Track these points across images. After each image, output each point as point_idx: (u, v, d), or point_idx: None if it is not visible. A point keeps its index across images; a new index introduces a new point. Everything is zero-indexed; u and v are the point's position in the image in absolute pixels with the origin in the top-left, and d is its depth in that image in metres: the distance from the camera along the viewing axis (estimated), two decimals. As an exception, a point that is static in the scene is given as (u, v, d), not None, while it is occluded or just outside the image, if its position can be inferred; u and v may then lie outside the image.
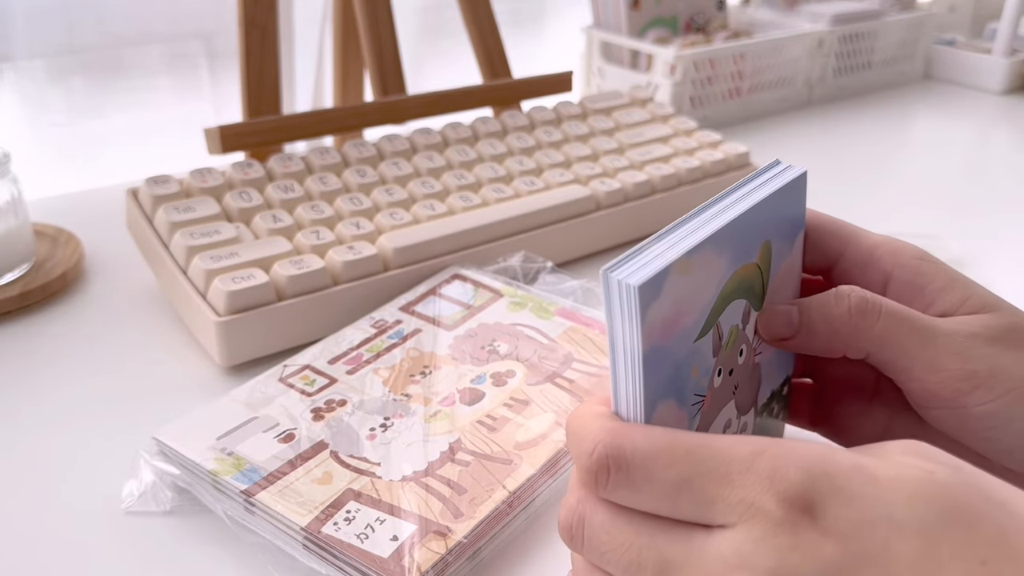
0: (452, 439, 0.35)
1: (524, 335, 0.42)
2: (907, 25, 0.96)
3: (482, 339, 0.41)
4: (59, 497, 0.35)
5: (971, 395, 0.27)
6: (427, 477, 0.33)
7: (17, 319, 0.47)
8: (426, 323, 0.43)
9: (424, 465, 0.34)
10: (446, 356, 0.40)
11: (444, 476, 0.33)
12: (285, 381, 0.39)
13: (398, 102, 0.58)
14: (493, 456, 0.34)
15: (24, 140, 0.70)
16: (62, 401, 0.41)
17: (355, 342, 0.41)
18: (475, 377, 0.39)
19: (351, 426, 0.36)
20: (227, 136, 0.51)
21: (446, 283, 0.46)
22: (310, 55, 0.80)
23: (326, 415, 0.36)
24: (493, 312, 0.43)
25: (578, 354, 0.40)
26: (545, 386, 0.38)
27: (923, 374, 0.27)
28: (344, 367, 0.40)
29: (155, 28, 0.72)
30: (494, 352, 0.40)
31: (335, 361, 0.40)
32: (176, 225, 0.45)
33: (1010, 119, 0.89)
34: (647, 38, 0.82)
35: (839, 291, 0.29)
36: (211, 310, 0.42)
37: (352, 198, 0.49)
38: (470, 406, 0.37)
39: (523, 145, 0.57)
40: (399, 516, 0.31)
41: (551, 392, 0.38)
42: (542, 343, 0.41)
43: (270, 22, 0.55)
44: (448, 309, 0.44)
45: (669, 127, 0.63)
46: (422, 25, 0.87)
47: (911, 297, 0.29)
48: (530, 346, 0.41)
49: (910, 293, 0.29)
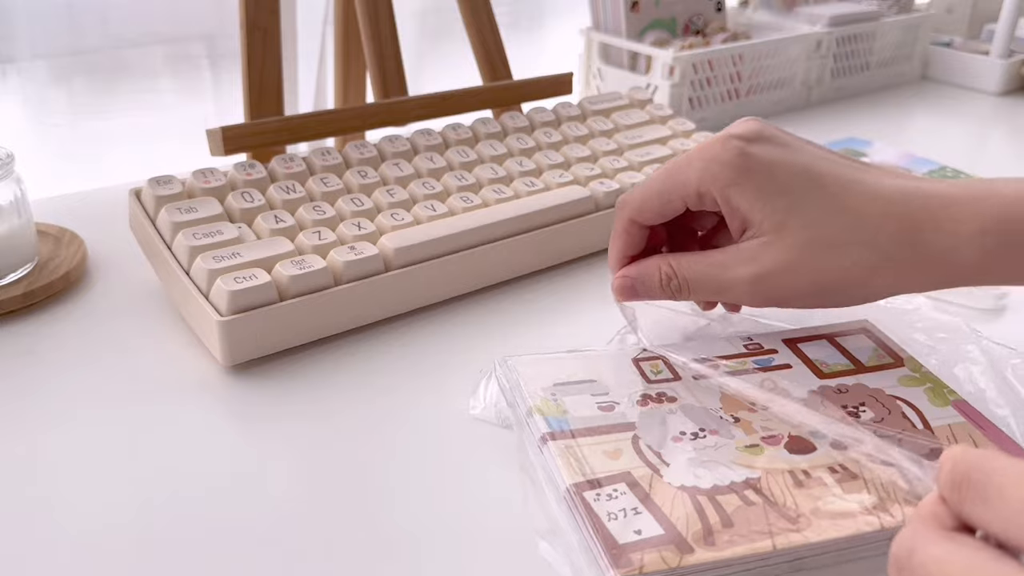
0: (753, 475, 0.33)
1: (900, 412, 0.38)
2: (905, 27, 0.96)
3: (851, 399, 0.38)
4: (59, 497, 0.36)
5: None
6: (704, 497, 0.32)
7: (20, 318, 0.47)
8: (800, 362, 0.41)
9: (709, 485, 0.33)
10: (799, 399, 0.38)
11: (721, 504, 0.32)
12: (636, 362, 0.40)
13: (399, 104, 0.58)
14: (783, 510, 0.32)
15: (27, 140, 0.70)
16: (64, 400, 0.41)
17: (722, 352, 0.41)
18: (815, 431, 0.36)
19: (666, 422, 0.36)
20: (229, 137, 0.51)
21: (850, 334, 0.43)
22: (312, 57, 0.81)
23: (651, 404, 0.37)
24: (881, 377, 0.40)
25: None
26: (887, 470, 0.34)
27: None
28: (698, 368, 0.40)
29: (158, 30, 0.72)
30: (854, 415, 0.37)
31: (697, 362, 0.40)
32: (179, 225, 0.46)
33: (1007, 120, 0.89)
34: (646, 40, 0.83)
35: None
36: (213, 310, 0.42)
37: (353, 199, 0.50)
38: (791, 454, 0.35)
39: (523, 146, 0.58)
40: (655, 516, 0.31)
41: (887, 477, 0.34)
42: (915, 426, 0.37)
43: (272, 24, 0.55)
44: (833, 357, 0.41)
45: (668, 128, 0.64)
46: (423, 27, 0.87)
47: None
48: (900, 424, 0.37)
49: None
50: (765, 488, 0.33)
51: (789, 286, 0.37)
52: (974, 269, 0.36)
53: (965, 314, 0.49)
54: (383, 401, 0.41)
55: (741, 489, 0.33)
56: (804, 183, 0.37)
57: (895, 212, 0.36)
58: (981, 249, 0.35)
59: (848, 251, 0.36)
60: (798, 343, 0.42)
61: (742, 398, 0.38)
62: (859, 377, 0.40)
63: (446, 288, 0.49)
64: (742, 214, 0.37)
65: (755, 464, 0.34)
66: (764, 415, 0.37)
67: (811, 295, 0.38)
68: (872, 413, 0.37)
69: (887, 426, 0.37)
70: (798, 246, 0.37)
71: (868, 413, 0.37)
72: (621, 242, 0.42)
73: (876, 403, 0.38)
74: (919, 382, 0.40)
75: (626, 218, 0.41)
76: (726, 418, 0.37)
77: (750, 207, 0.37)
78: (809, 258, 0.37)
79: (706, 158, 0.38)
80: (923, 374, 0.41)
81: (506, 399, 0.39)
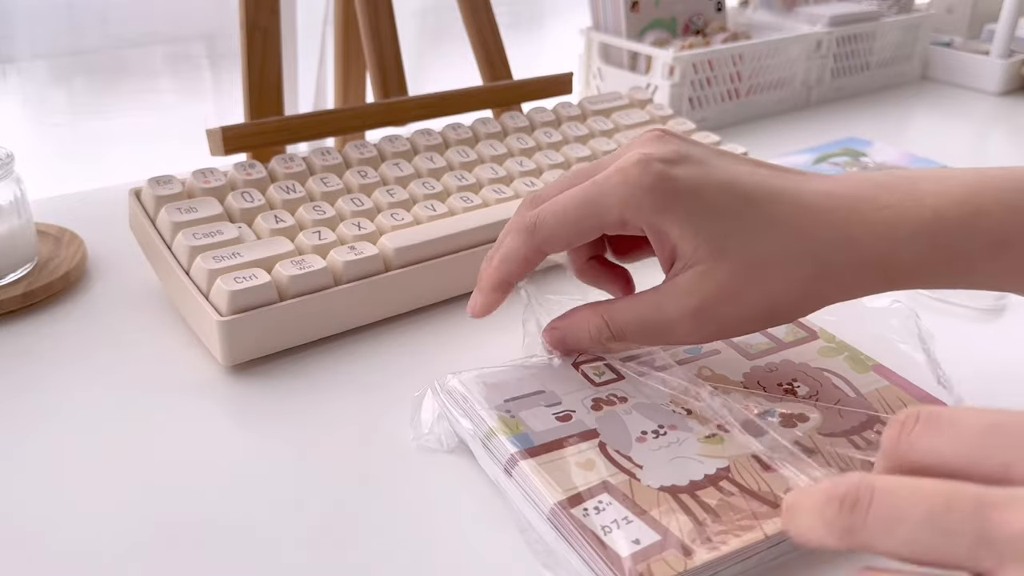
0: (721, 465, 0.34)
1: (830, 382, 0.40)
2: (905, 27, 0.96)
3: (782, 376, 0.40)
4: (58, 497, 0.36)
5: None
6: (685, 494, 0.32)
7: (20, 319, 0.47)
8: (726, 346, 0.42)
9: (686, 482, 0.33)
10: (738, 383, 0.39)
11: (703, 499, 0.32)
12: (577, 367, 0.39)
13: (399, 103, 0.58)
14: (760, 495, 0.33)
15: (27, 140, 0.70)
16: (65, 401, 0.41)
17: (653, 347, 0.41)
18: (763, 411, 0.37)
19: (625, 424, 0.36)
20: (229, 137, 0.51)
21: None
22: (312, 57, 0.81)
23: (604, 407, 0.37)
24: (803, 352, 0.42)
25: (886, 416, 0.37)
26: (838, 440, 0.36)
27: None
28: (636, 367, 0.39)
29: (158, 30, 0.72)
30: (791, 392, 0.39)
31: (628, 360, 0.40)
32: (178, 225, 0.46)
33: (1007, 120, 0.89)
34: (646, 40, 0.83)
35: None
36: (213, 310, 0.42)
37: (353, 199, 0.50)
38: (752, 437, 0.35)
39: (523, 146, 0.58)
40: (646, 522, 0.31)
41: (842, 448, 0.35)
42: (848, 395, 0.39)
43: (272, 24, 0.55)
44: (754, 338, 0.43)
45: (668, 128, 0.64)
46: (423, 27, 0.87)
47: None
48: (834, 395, 0.39)
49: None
50: (737, 477, 0.34)
51: (734, 314, 0.35)
52: (912, 272, 0.36)
53: (965, 314, 0.49)
54: (383, 401, 0.41)
55: (716, 481, 0.33)
56: (734, 203, 0.35)
57: (828, 220, 0.35)
58: (917, 254, 0.35)
59: (789, 266, 0.35)
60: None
61: (687, 392, 0.38)
62: (783, 354, 0.42)
63: (446, 288, 0.49)
64: (672, 242, 0.35)
65: (721, 454, 0.35)
66: (711, 402, 0.38)
67: (758, 319, 0.36)
68: (806, 388, 0.39)
69: (823, 398, 0.38)
70: (740, 270, 0.35)
71: (803, 388, 0.39)
72: (512, 266, 0.38)
73: (807, 377, 0.40)
74: (837, 352, 0.42)
75: (534, 246, 0.37)
76: (679, 411, 0.37)
77: (681, 234, 0.35)
78: (753, 280, 0.35)
79: (628, 184, 0.35)
80: (839, 343, 0.42)
81: (452, 422, 0.37)
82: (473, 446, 0.36)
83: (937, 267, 0.35)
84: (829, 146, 0.76)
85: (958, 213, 0.35)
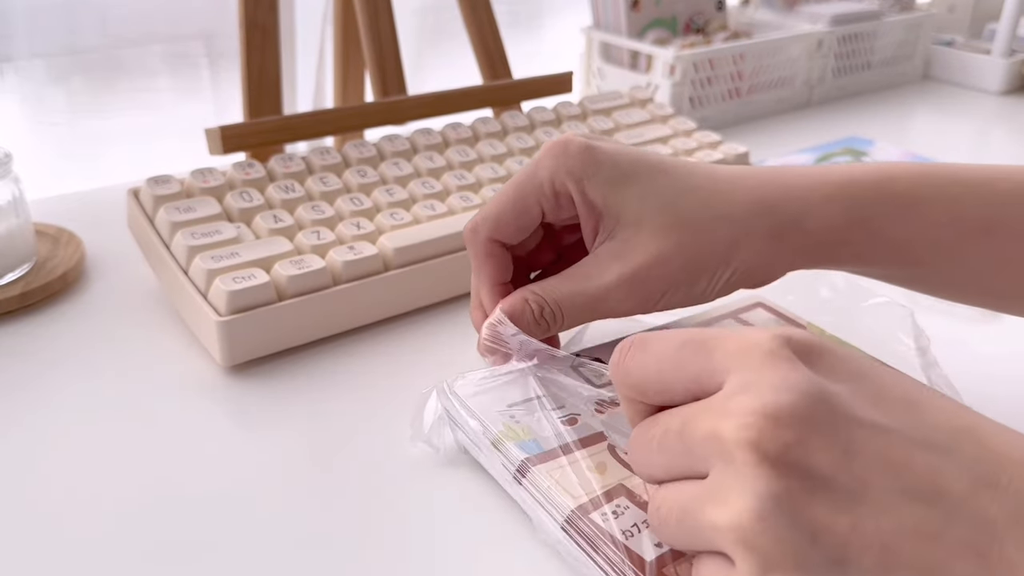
0: None
1: None
2: (906, 26, 0.96)
3: None
4: (56, 497, 0.35)
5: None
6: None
7: (18, 319, 0.47)
8: None
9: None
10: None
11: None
12: (576, 369, 0.39)
13: (398, 103, 0.58)
14: None
15: (25, 140, 0.70)
16: (63, 401, 0.41)
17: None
18: None
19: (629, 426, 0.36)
20: (228, 136, 0.51)
21: (748, 310, 0.45)
22: (311, 56, 0.81)
23: (608, 409, 0.36)
24: None
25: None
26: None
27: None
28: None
29: (156, 28, 0.72)
30: None
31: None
32: (177, 225, 0.45)
33: (1009, 119, 0.89)
34: (647, 39, 0.82)
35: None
36: (212, 310, 0.42)
37: (352, 198, 0.50)
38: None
39: (523, 145, 0.57)
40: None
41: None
42: None
43: (271, 23, 0.55)
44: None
45: (668, 127, 0.64)
46: (422, 26, 0.87)
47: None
48: None
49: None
50: None
51: (662, 277, 0.36)
52: (828, 240, 0.36)
53: (965, 313, 0.49)
54: (383, 401, 0.41)
55: None
56: (649, 169, 0.36)
57: (744, 185, 0.36)
58: (831, 215, 0.36)
59: (708, 227, 0.36)
60: (710, 324, 0.43)
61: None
62: None
63: (446, 288, 0.49)
64: (597, 209, 0.36)
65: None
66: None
67: (684, 283, 0.36)
68: None
69: None
70: (661, 231, 0.35)
71: None
72: (488, 268, 0.38)
73: None
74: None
75: (484, 238, 0.38)
76: None
77: (604, 199, 0.36)
78: (675, 241, 0.35)
79: (555, 155, 0.36)
80: (830, 337, 0.42)
81: (456, 426, 0.37)
82: (479, 451, 0.36)
83: (853, 232, 0.36)
84: (830, 145, 0.76)
85: (872, 177, 0.36)
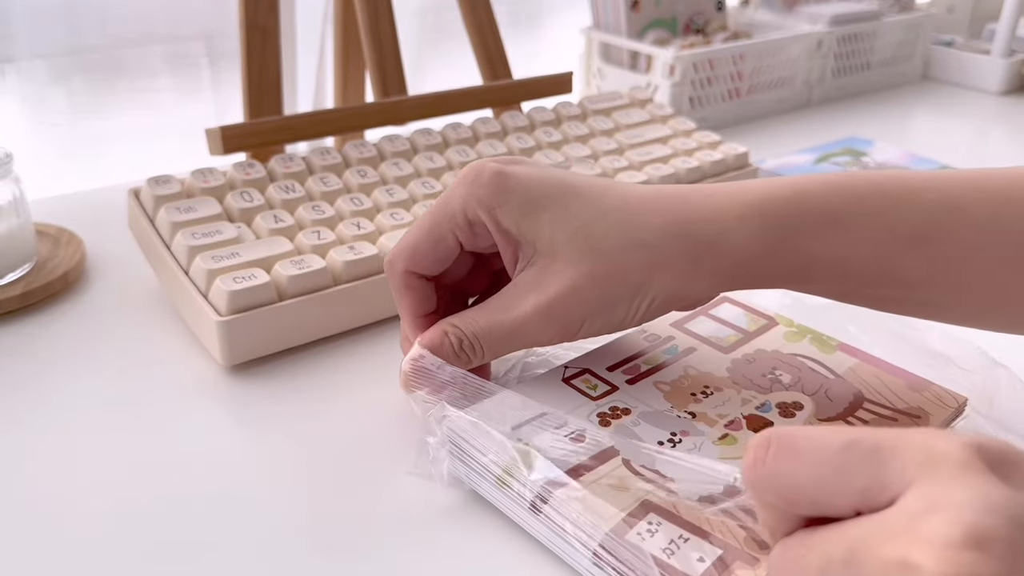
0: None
1: (807, 367, 0.40)
2: (906, 26, 0.96)
3: (762, 366, 0.40)
4: (57, 497, 0.35)
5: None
6: (726, 502, 0.31)
7: (18, 319, 0.47)
8: (700, 342, 0.42)
9: (720, 488, 0.32)
10: (726, 379, 0.39)
11: (744, 504, 0.31)
12: (568, 382, 0.38)
13: (398, 103, 0.58)
14: None
15: (26, 140, 0.70)
16: (63, 401, 0.41)
17: (631, 352, 0.40)
18: (760, 404, 0.37)
19: (639, 437, 0.35)
20: (228, 137, 0.51)
21: (714, 305, 0.45)
22: (311, 56, 0.81)
23: (612, 422, 0.36)
24: (770, 340, 0.42)
25: (869, 394, 0.38)
26: (836, 424, 0.36)
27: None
28: (623, 376, 0.39)
29: (157, 29, 0.72)
30: (777, 381, 0.39)
31: (614, 368, 0.39)
32: (177, 225, 0.45)
33: (1008, 120, 0.89)
34: (646, 39, 0.82)
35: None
36: (212, 310, 0.42)
37: (353, 198, 0.50)
38: (757, 433, 0.35)
39: (523, 146, 0.57)
40: (702, 537, 0.30)
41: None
42: (828, 378, 0.39)
43: (271, 23, 0.55)
44: (722, 331, 0.42)
45: (668, 128, 0.64)
46: (422, 26, 0.87)
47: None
48: (815, 380, 0.39)
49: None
50: None
51: (579, 307, 0.35)
52: (749, 261, 0.35)
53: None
54: (383, 401, 0.41)
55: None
56: (560, 194, 0.35)
57: (657, 208, 0.35)
58: (747, 236, 0.34)
59: (621, 254, 0.34)
60: (684, 324, 0.43)
61: (681, 391, 0.38)
62: (753, 343, 0.41)
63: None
64: (513, 237, 0.35)
65: (739, 454, 0.34)
66: (708, 403, 0.37)
67: (602, 311, 0.35)
68: (788, 375, 0.39)
69: (806, 383, 0.38)
70: (574, 259, 0.34)
71: (785, 376, 0.39)
72: (407, 301, 0.38)
73: (784, 364, 0.40)
74: (800, 335, 0.42)
75: (401, 271, 0.37)
76: (683, 416, 0.36)
77: (517, 227, 0.35)
78: (588, 270, 0.34)
79: (467, 184, 0.36)
80: (799, 327, 0.43)
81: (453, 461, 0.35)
82: (483, 481, 0.34)
83: (773, 252, 0.35)
84: (830, 145, 0.76)
85: (785, 194, 0.35)
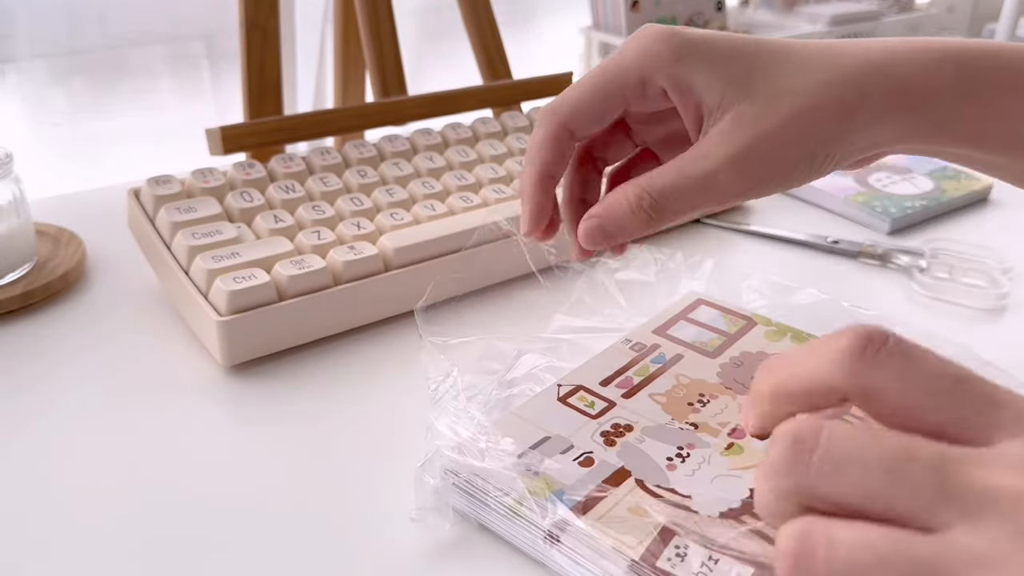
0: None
1: None
2: (906, 26, 0.96)
3: (751, 369, 0.39)
4: (57, 497, 0.35)
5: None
6: (746, 515, 0.31)
7: (19, 319, 0.47)
8: (686, 348, 0.41)
9: (738, 502, 0.31)
10: (718, 385, 0.39)
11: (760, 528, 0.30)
12: (564, 401, 0.37)
13: (398, 103, 0.58)
14: None
15: (26, 140, 0.70)
16: (64, 401, 0.41)
17: (620, 364, 0.40)
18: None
19: (647, 454, 0.34)
20: (228, 137, 0.51)
21: (691, 308, 0.45)
22: (311, 56, 0.81)
23: (617, 440, 0.35)
24: (752, 340, 0.42)
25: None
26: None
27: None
28: (617, 390, 0.38)
29: (157, 29, 0.72)
30: None
31: (607, 383, 0.38)
32: (178, 225, 0.45)
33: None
34: (646, 39, 0.82)
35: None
36: (212, 310, 0.42)
37: (353, 198, 0.50)
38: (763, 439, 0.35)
39: (523, 146, 0.58)
40: (732, 555, 0.29)
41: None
42: None
43: (271, 23, 0.55)
44: (704, 335, 0.42)
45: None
46: (422, 26, 0.87)
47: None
48: None
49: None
50: None
51: (775, 154, 0.33)
52: (941, 108, 0.34)
53: (964, 314, 0.49)
54: (383, 401, 0.41)
55: None
56: (748, 46, 0.34)
57: (845, 51, 0.34)
58: (943, 77, 0.33)
59: (821, 93, 0.33)
60: (666, 331, 0.43)
61: (678, 402, 0.37)
62: (737, 345, 0.41)
63: (446, 288, 0.49)
64: (697, 93, 0.33)
65: (748, 463, 0.34)
66: (706, 411, 0.37)
67: (798, 157, 0.33)
68: None
69: None
70: (771, 102, 0.33)
71: None
72: (544, 155, 0.35)
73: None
74: (780, 334, 0.42)
75: (556, 122, 0.35)
76: (686, 428, 0.36)
77: (705, 82, 0.33)
78: (786, 112, 0.33)
79: (642, 44, 0.34)
80: (778, 325, 0.43)
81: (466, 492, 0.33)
82: (492, 521, 0.33)
83: (965, 105, 0.34)
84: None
85: (982, 46, 0.34)
